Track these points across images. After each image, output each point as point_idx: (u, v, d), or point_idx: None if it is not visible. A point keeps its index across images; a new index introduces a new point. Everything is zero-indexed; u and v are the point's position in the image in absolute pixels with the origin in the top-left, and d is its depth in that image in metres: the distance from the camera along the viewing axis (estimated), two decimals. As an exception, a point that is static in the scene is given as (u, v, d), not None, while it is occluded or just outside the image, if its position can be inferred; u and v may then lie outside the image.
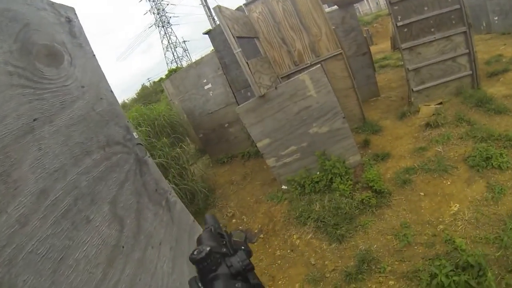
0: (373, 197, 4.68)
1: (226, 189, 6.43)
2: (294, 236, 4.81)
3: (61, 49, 1.71)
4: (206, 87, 6.88)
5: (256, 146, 5.43)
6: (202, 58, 7.11)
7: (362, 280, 3.74)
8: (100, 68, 2.05)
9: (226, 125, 6.71)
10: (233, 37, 4.35)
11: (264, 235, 5.25)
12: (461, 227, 3.83)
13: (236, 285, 0.86)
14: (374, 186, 4.74)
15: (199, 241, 1.04)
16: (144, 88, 25.95)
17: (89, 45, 2.00)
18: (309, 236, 4.67)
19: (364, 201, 4.67)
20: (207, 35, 6.62)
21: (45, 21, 1.66)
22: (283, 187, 5.63)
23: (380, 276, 3.70)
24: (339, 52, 6.22)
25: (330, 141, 5.13)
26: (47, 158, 1.29)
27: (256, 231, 5.41)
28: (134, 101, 21.15)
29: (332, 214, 4.71)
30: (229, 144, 7.10)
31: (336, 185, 4.96)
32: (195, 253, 0.90)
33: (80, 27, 1.99)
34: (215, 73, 6.88)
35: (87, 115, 1.71)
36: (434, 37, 6.08)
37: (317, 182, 5.17)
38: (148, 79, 31.82)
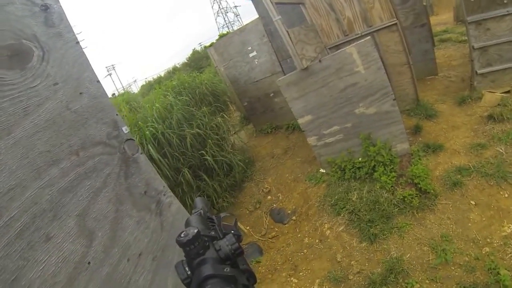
0: (416, 196, 4.10)
1: (266, 163, 6.23)
2: (326, 226, 4.53)
3: (31, 45, 1.53)
4: (251, 54, 6.51)
5: (301, 119, 5.04)
6: (246, 25, 6.68)
7: (384, 294, 3.39)
8: (85, 56, 1.82)
9: (272, 94, 6.37)
10: (271, 3, 3.87)
11: (296, 218, 5.05)
12: (510, 255, 3.19)
13: (225, 269, 0.82)
14: (419, 183, 4.14)
15: (187, 224, 1.02)
16: (195, 52, 25.79)
17: (71, 31, 1.78)
18: (340, 228, 4.36)
19: (405, 199, 4.13)
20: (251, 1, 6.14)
21: (11, 17, 1.48)
22: (321, 170, 5.25)
23: (404, 295, 3.33)
24: (393, 23, 5.27)
25: (377, 124, 4.54)
26: (1, 176, 1.20)
27: (289, 211, 5.22)
28: (185, 65, 21.29)
29: (369, 208, 4.28)
30: (274, 114, 6.78)
31: (378, 175, 4.44)
32: (182, 235, 0.87)
33: (61, 13, 1.76)
34: (260, 41, 6.45)
35: (58, 117, 1.54)
36: (507, 11, 4.81)
37: (358, 168, 4.70)
38: (199, 43, 31.79)
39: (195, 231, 0.87)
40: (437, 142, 4.95)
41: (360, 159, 4.71)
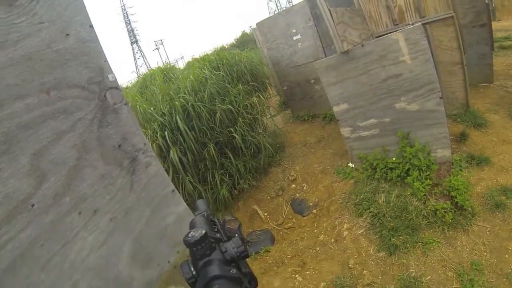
0: (450, 211, 3.58)
1: (297, 150, 5.93)
2: (345, 225, 4.18)
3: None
4: (295, 37, 6.14)
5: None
6: (292, 6, 6.31)
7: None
8: (81, 1, 1.74)
9: (312, 81, 6.01)
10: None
11: (317, 212, 4.75)
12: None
13: (231, 270, 0.83)
14: (456, 197, 3.60)
15: (192, 226, 1.04)
16: (244, 34, 25.64)
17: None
18: (360, 232, 3.98)
19: (437, 212, 3.62)
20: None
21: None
22: (350, 164, 4.86)
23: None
24: (450, 15, 4.55)
25: (418, 124, 4.00)
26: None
27: (311, 204, 4.93)
28: (232, 46, 21.13)
29: (395, 215, 3.84)
30: (313, 102, 6.40)
31: (411, 180, 3.95)
32: (189, 235, 0.89)
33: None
34: (306, 24, 6.03)
35: (36, 54, 1.45)
36: None
37: (391, 169, 4.24)
38: (250, 26, 31.57)
39: (203, 232, 0.89)
40: (483, 154, 4.31)
41: (394, 159, 4.25)
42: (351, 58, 4.08)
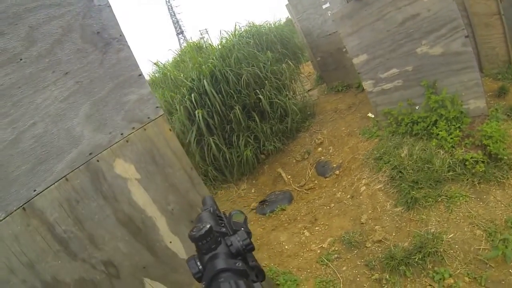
0: (482, 161, 3.09)
1: (326, 116, 5.69)
2: (363, 181, 3.89)
3: None
4: (324, 6, 5.88)
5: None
6: None
7: (403, 275, 2.67)
8: None
9: (344, 49, 5.70)
10: None
11: (339, 172, 4.51)
12: None
13: (237, 264, 0.84)
14: (489, 146, 3.10)
15: (198, 221, 1.05)
16: (288, 21, 25.27)
17: None
18: (378, 187, 3.66)
19: (467, 162, 3.15)
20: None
21: None
22: (370, 115, 4.53)
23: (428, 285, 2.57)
24: None
25: (444, 70, 3.52)
26: None
27: (334, 165, 4.71)
28: None
29: (417, 167, 3.44)
30: (346, 71, 6.06)
31: (437, 131, 3.57)
32: (194, 230, 0.89)
33: None
34: None
35: None
36: None
37: (416, 123, 3.86)
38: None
39: (208, 226, 0.89)
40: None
41: (420, 112, 3.89)
42: (365, 4, 3.84)
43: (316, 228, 3.71)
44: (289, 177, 5.11)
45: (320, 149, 5.15)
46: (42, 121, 1.85)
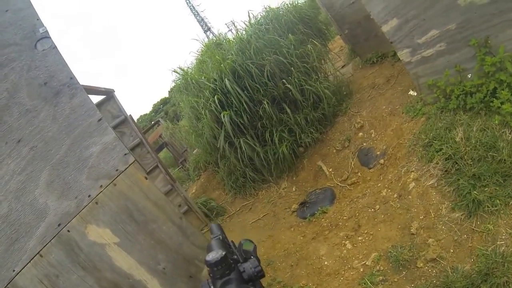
0: None
1: (364, 94, 4.96)
2: (411, 175, 3.26)
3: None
4: None
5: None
6: None
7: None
8: None
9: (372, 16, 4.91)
10: None
11: (384, 161, 3.93)
12: None
13: None
14: None
15: (209, 248, 1.11)
16: None
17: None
18: (429, 183, 3.01)
19: None
20: None
21: None
22: (411, 92, 3.79)
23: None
24: None
25: (497, 21, 2.69)
26: None
27: (378, 152, 4.12)
28: None
29: (478, 155, 2.74)
30: (378, 40, 5.13)
31: (499, 103, 2.81)
32: (210, 256, 0.95)
33: None
34: None
35: None
36: None
37: (470, 94, 3.10)
38: None
39: (223, 253, 0.95)
40: None
41: (473, 80, 3.12)
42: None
43: (359, 238, 3.23)
44: (330, 170, 4.62)
45: (361, 134, 4.54)
46: (5, 200, 1.71)
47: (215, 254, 0.95)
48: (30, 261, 1.70)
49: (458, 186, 2.73)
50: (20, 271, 1.69)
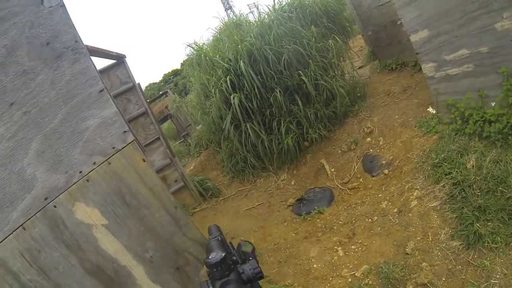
0: None
1: (378, 100, 4.81)
2: (415, 193, 3.16)
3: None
4: None
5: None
6: None
7: None
8: None
9: (399, 22, 4.64)
10: None
11: (389, 172, 3.82)
12: None
13: None
14: None
15: (209, 249, 1.12)
16: None
17: None
18: (432, 204, 2.91)
19: None
20: None
21: None
22: (430, 109, 3.64)
23: None
24: None
25: None
26: None
27: (383, 162, 4.00)
28: None
29: (487, 187, 2.62)
30: (401, 48, 4.96)
31: (520, 139, 2.68)
32: (210, 257, 0.97)
33: None
34: None
35: None
36: None
37: (489, 122, 2.97)
38: None
39: (223, 254, 0.97)
40: None
41: (495, 108, 2.97)
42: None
43: (352, 246, 3.17)
44: (333, 170, 4.53)
45: (369, 139, 4.42)
46: (-10, 166, 1.61)
47: (215, 255, 0.96)
48: (12, 233, 1.63)
49: (462, 214, 2.63)
50: (1, 241, 1.62)
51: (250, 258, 1.08)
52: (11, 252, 1.63)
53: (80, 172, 1.68)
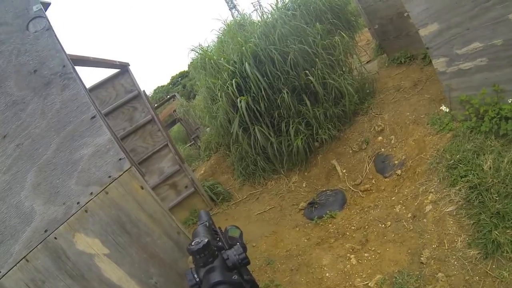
0: None
1: (388, 96, 4.65)
2: (430, 197, 3.04)
3: None
4: None
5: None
6: None
7: None
8: None
9: (406, 14, 4.45)
10: None
11: (401, 173, 3.71)
12: None
13: (233, 277, 0.89)
14: None
15: (195, 235, 1.12)
16: None
17: None
18: (448, 209, 2.80)
19: None
20: None
21: None
22: (443, 108, 3.48)
23: None
24: None
25: None
26: None
27: (396, 162, 3.89)
28: None
29: (505, 191, 2.49)
30: (409, 40, 4.76)
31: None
32: (192, 244, 0.94)
33: None
34: None
35: None
36: None
37: (506, 119, 2.82)
38: None
39: (206, 240, 0.94)
40: None
41: (511, 103, 2.82)
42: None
43: (365, 254, 3.08)
44: (344, 171, 4.43)
45: (380, 138, 4.30)
46: (-10, 203, 1.61)
47: (197, 242, 0.93)
48: (16, 265, 1.62)
49: (479, 220, 2.50)
50: (6, 273, 1.61)
51: (237, 243, 1.04)
52: (16, 283, 1.63)
53: (78, 203, 1.65)
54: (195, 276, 0.91)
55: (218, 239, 1.12)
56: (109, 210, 1.69)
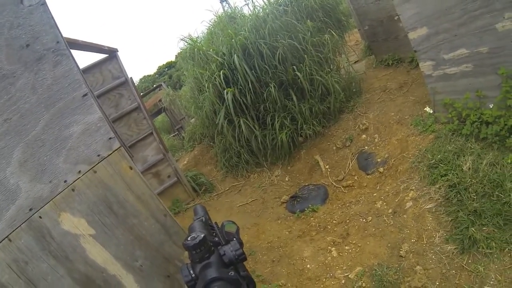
0: None
1: (374, 96, 4.77)
2: (410, 194, 3.13)
3: None
4: None
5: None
6: None
7: None
8: None
9: (396, 17, 4.52)
10: None
11: (384, 170, 3.80)
12: None
13: (230, 273, 0.87)
14: None
15: (191, 230, 1.08)
16: None
17: None
18: (427, 206, 2.89)
19: None
20: None
21: None
22: (427, 109, 3.60)
23: None
24: None
25: None
26: None
27: (379, 160, 3.98)
28: None
29: (482, 191, 2.60)
30: (398, 43, 4.91)
31: (516, 143, 2.65)
32: (188, 239, 0.92)
33: None
34: None
35: None
36: None
37: (486, 124, 2.93)
38: None
39: (202, 236, 0.92)
40: None
41: (492, 110, 2.93)
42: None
43: (346, 247, 3.15)
44: (327, 167, 4.51)
45: (364, 136, 4.39)
46: (-26, 177, 1.55)
47: (193, 237, 0.91)
48: (-2, 244, 1.57)
49: (457, 218, 2.61)
50: (-12, 252, 1.56)
51: (234, 239, 1.03)
52: (-2, 263, 1.58)
53: (65, 181, 1.61)
54: (191, 272, 0.90)
55: (214, 234, 1.10)
56: (96, 189, 1.66)
